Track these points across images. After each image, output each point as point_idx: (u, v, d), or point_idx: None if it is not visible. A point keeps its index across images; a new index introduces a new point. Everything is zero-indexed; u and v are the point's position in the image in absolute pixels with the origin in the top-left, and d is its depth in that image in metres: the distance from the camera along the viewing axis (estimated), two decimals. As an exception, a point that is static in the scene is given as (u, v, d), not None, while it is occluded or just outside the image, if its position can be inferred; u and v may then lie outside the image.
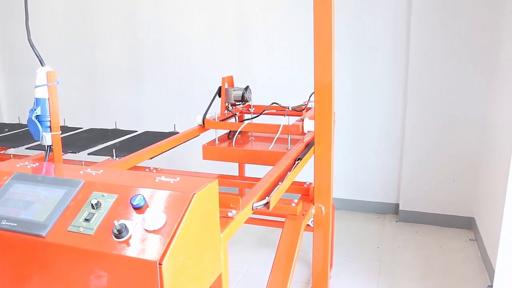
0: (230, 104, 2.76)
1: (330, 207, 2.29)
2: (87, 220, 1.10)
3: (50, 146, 1.57)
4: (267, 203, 1.65)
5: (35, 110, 1.53)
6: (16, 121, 3.25)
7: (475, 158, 3.45)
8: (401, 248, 3.32)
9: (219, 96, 2.76)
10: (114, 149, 2.18)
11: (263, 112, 2.71)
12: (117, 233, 1.02)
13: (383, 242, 3.42)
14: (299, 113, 2.73)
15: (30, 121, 1.55)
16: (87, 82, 4.57)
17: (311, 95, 2.62)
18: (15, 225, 1.13)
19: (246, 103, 2.76)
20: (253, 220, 2.95)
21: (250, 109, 2.84)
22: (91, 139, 2.56)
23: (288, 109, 2.75)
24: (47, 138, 1.56)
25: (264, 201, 1.64)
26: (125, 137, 2.62)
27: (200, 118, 2.62)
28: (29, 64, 4.32)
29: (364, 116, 3.77)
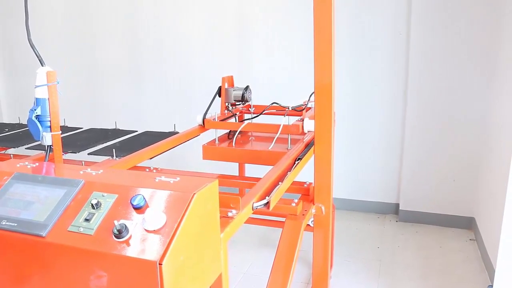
0: (230, 104, 2.76)
1: (330, 207, 2.29)
2: (87, 220, 1.10)
3: (50, 146, 1.57)
4: (267, 203, 1.65)
5: (35, 110, 1.53)
6: (16, 121, 3.25)
7: (475, 158, 3.45)
8: (401, 248, 3.32)
9: (219, 96, 2.76)
10: (114, 149, 2.18)
11: (263, 112, 2.71)
12: (117, 233, 1.03)
13: (383, 242, 3.42)
14: (299, 113, 2.73)
15: (30, 121, 1.55)
16: (87, 82, 4.57)
17: (311, 95, 2.62)
18: (15, 225, 1.13)
19: (246, 103, 2.76)
20: (253, 220, 2.95)
21: (250, 109, 2.84)
22: (91, 139, 2.56)
23: (288, 109, 2.75)
24: (47, 138, 1.56)
25: (264, 201, 1.64)
26: (125, 137, 2.62)
27: (200, 118, 2.62)
28: (29, 64, 4.32)
29: (364, 116, 3.77)
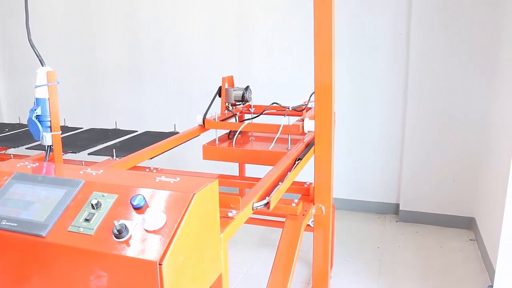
0: (230, 104, 2.76)
1: (330, 207, 2.29)
2: (87, 220, 1.10)
3: (50, 146, 1.57)
4: (267, 203, 1.65)
5: (35, 110, 1.53)
6: (16, 121, 3.25)
7: (475, 158, 3.45)
8: (401, 248, 3.32)
9: (219, 96, 2.76)
10: (114, 149, 2.18)
11: (263, 112, 2.71)
12: (117, 233, 1.02)
13: (383, 242, 3.42)
14: (299, 113, 2.73)
15: (30, 121, 1.55)
16: (87, 82, 4.57)
17: (311, 95, 2.62)
18: (15, 225, 1.13)
19: (246, 103, 2.76)
20: (253, 220, 2.95)
21: (250, 109, 2.84)
22: (91, 139, 2.56)
23: (288, 109, 2.75)
24: (47, 138, 1.56)
25: (264, 201, 1.64)
26: (125, 137, 2.61)
27: (200, 118, 2.62)
28: (29, 64, 4.32)
29: (364, 116, 3.77)
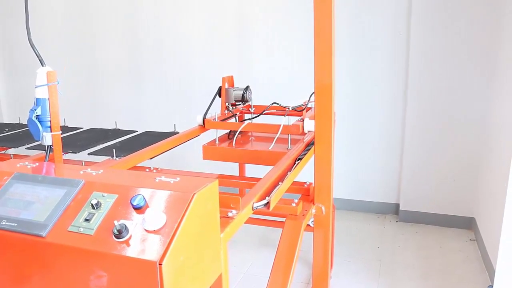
0: (230, 104, 2.76)
1: (330, 207, 2.29)
2: (87, 220, 1.10)
3: (50, 146, 1.57)
4: (267, 203, 1.65)
5: (35, 110, 1.53)
6: (16, 121, 3.25)
7: (475, 158, 3.45)
8: (401, 248, 3.32)
9: (219, 96, 2.76)
10: (114, 149, 2.18)
11: (263, 112, 2.71)
12: (117, 233, 1.02)
13: (383, 242, 3.42)
14: (299, 113, 2.73)
15: (30, 121, 1.55)
16: (87, 82, 4.57)
17: (311, 95, 2.62)
18: (15, 225, 1.13)
19: (246, 103, 2.76)
20: (253, 220, 2.95)
21: (250, 109, 2.84)
22: (91, 139, 2.56)
23: (288, 109, 2.75)
24: (47, 138, 1.56)
25: (264, 201, 1.64)
26: (125, 137, 2.61)
27: (200, 118, 2.62)
28: (29, 64, 4.32)
29: (364, 116, 3.77)
